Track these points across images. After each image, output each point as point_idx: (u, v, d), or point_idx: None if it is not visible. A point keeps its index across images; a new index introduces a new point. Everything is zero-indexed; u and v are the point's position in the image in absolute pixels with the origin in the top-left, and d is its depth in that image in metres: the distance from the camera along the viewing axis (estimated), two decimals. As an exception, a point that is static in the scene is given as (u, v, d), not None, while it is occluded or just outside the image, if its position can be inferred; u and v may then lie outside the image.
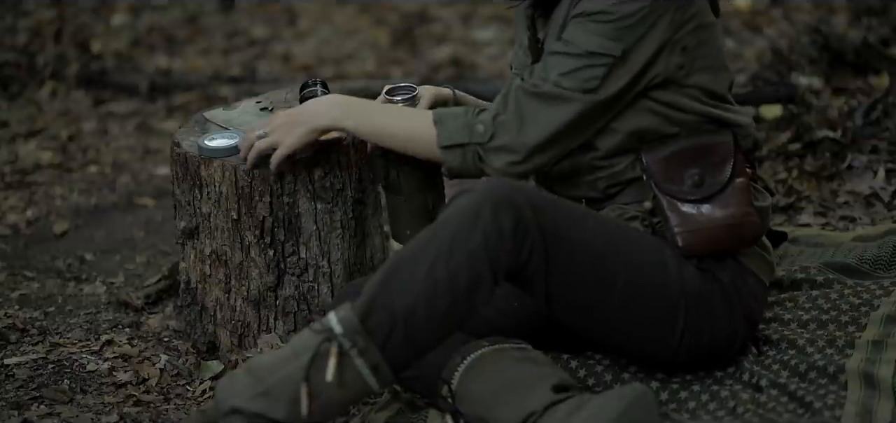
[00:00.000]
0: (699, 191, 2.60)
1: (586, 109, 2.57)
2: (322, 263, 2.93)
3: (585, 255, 2.52)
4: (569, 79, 2.55)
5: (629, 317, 2.57)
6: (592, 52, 2.54)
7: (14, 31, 5.55)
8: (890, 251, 3.06)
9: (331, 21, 5.87)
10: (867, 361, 2.62)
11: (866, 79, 4.35)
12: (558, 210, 2.52)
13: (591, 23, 2.54)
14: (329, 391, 2.42)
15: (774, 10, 5.40)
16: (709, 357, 2.66)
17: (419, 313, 2.41)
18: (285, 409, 2.41)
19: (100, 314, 3.25)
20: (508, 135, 2.57)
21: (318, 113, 2.72)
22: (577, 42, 2.55)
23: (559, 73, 2.55)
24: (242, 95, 4.46)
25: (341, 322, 2.42)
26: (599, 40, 2.54)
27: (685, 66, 2.59)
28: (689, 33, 2.58)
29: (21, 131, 4.57)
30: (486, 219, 2.43)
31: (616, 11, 2.53)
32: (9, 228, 3.82)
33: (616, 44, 2.54)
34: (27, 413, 2.79)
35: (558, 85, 2.55)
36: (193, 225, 2.97)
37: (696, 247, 2.59)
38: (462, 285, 2.42)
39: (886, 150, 3.81)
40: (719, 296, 2.60)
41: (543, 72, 2.57)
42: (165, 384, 2.95)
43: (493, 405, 2.51)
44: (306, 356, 2.42)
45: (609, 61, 2.54)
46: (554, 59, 2.57)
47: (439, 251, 2.42)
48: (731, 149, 2.62)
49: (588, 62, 2.54)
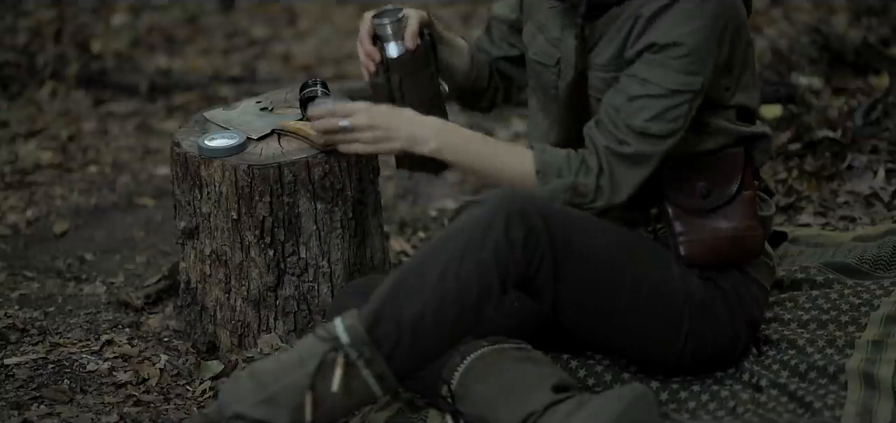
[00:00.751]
0: (706, 202, 2.60)
1: (667, 150, 2.54)
2: (322, 263, 2.93)
3: (594, 264, 2.52)
4: (657, 123, 2.50)
5: (634, 324, 2.57)
6: (675, 90, 2.48)
7: (14, 31, 5.55)
8: (890, 251, 3.05)
9: (331, 21, 5.87)
10: (867, 361, 2.62)
11: (866, 79, 4.34)
12: (568, 221, 2.51)
13: (668, 59, 2.47)
14: (334, 399, 2.42)
15: (774, 10, 5.40)
16: (711, 362, 2.66)
17: (427, 323, 2.41)
18: (289, 416, 2.40)
19: (100, 314, 3.25)
20: (604, 199, 2.54)
21: (417, 138, 2.57)
22: (657, 81, 2.48)
23: (645, 119, 2.49)
24: (242, 95, 4.45)
25: (348, 331, 2.41)
26: (680, 77, 2.48)
27: (730, 87, 2.57)
28: (740, 52, 2.56)
29: (21, 131, 4.56)
30: (498, 230, 2.43)
31: (690, 42, 2.47)
32: (9, 228, 3.82)
33: (694, 78, 2.49)
34: (27, 413, 2.79)
35: (646, 132, 2.50)
36: (193, 225, 2.97)
37: (697, 257, 2.59)
38: (472, 295, 2.42)
39: (886, 150, 3.81)
40: (722, 303, 2.61)
41: (628, 119, 2.50)
42: (165, 384, 2.94)
43: (494, 404, 2.51)
44: (312, 364, 2.41)
45: (691, 97, 2.50)
46: (637, 105, 2.49)
47: (449, 262, 2.42)
48: (741, 163, 2.61)
49: (672, 102, 2.49)
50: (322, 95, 2.87)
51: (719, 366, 2.68)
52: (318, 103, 2.74)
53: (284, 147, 2.92)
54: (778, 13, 5.35)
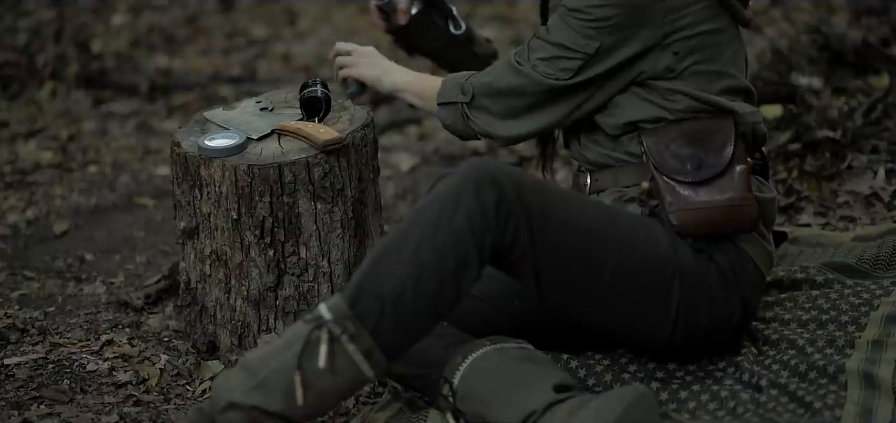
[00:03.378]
0: (698, 174, 2.61)
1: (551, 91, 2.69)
2: (322, 263, 2.93)
3: (573, 234, 2.53)
4: (546, 65, 2.69)
5: (622, 297, 2.57)
6: (565, 45, 2.65)
7: (14, 31, 5.55)
8: (890, 251, 3.06)
9: (331, 21, 5.87)
10: (867, 361, 2.62)
11: (866, 79, 4.34)
12: (542, 190, 2.53)
13: (569, 18, 2.65)
14: (322, 378, 2.42)
15: (774, 10, 5.40)
16: (706, 339, 2.66)
17: (407, 296, 2.42)
18: (281, 400, 2.41)
19: (100, 314, 3.25)
20: (487, 99, 2.75)
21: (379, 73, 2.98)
22: (554, 33, 2.68)
23: (538, 57, 2.70)
24: (242, 95, 4.46)
25: (331, 309, 2.43)
26: (573, 36, 2.65)
27: (674, 69, 2.64)
28: (682, 40, 2.62)
29: (21, 131, 4.57)
30: (469, 197, 2.45)
31: (590, 13, 2.63)
32: (9, 228, 3.82)
33: (589, 41, 2.64)
34: (27, 413, 2.79)
35: (535, 67, 2.69)
36: (193, 225, 2.97)
37: (689, 227, 2.59)
38: (449, 265, 2.43)
39: (886, 150, 3.81)
40: (716, 277, 2.61)
41: (527, 51, 2.72)
42: (165, 384, 2.95)
43: (494, 404, 2.51)
44: (298, 345, 2.43)
45: (582, 57, 2.64)
46: (535, 43, 2.71)
47: (424, 233, 2.43)
48: (731, 134, 2.64)
49: (562, 53, 2.67)
50: (322, 95, 2.96)
51: (715, 346, 2.68)
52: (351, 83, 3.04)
53: (284, 147, 2.93)
54: (778, 13, 5.35)
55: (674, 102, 2.65)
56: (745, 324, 2.71)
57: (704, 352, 2.69)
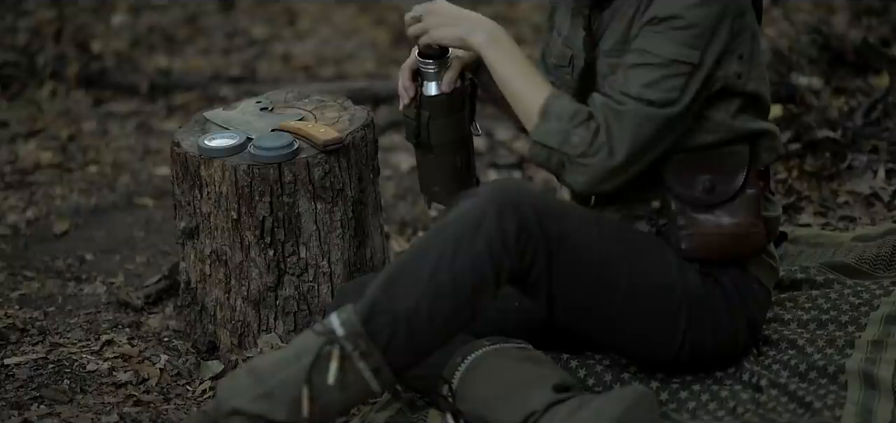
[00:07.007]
0: (709, 197, 2.59)
1: (667, 123, 2.51)
2: (322, 263, 2.93)
3: (588, 259, 2.51)
4: (652, 90, 2.48)
5: (631, 320, 2.57)
6: (673, 59, 2.48)
7: (14, 31, 5.55)
8: (890, 251, 3.06)
9: (331, 21, 5.87)
10: (867, 361, 2.62)
11: (866, 79, 4.34)
12: (562, 214, 2.51)
13: (668, 29, 2.48)
14: (330, 393, 2.42)
15: (774, 10, 5.40)
16: (711, 360, 2.66)
17: (422, 317, 2.41)
18: (286, 410, 2.41)
19: (100, 314, 3.25)
20: (601, 155, 2.50)
21: (474, 29, 2.58)
22: (655, 50, 2.48)
23: (642, 84, 2.48)
24: (242, 95, 4.45)
25: (343, 325, 2.42)
26: (677, 48, 2.47)
27: (743, 75, 2.55)
28: (746, 41, 2.55)
29: (21, 131, 4.56)
30: (491, 223, 2.42)
31: (689, 16, 2.47)
32: (9, 228, 3.82)
33: (693, 51, 2.48)
34: (27, 413, 2.79)
35: (641, 98, 2.48)
36: (193, 225, 2.97)
37: (699, 251, 2.58)
38: (465, 288, 2.42)
39: (886, 150, 3.81)
40: (722, 300, 2.60)
41: (624, 86, 2.50)
42: (165, 384, 2.94)
43: (494, 404, 2.51)
44: (308, 358, 2.41)
45: (688, 69, 2.49)
46: (634, 73, 2.49)
47: (442, 255, 2.42)
48: (745, 160, 2.59)
49: (669, 72, 2.48)
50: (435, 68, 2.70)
51: (719, 366, 2.68)
52: None
53: (284, 147, 2.93)
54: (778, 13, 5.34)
55: (707, 133, 2.56)
56: (751, 344, 2.71)
57: (710, 370, 2.69)
